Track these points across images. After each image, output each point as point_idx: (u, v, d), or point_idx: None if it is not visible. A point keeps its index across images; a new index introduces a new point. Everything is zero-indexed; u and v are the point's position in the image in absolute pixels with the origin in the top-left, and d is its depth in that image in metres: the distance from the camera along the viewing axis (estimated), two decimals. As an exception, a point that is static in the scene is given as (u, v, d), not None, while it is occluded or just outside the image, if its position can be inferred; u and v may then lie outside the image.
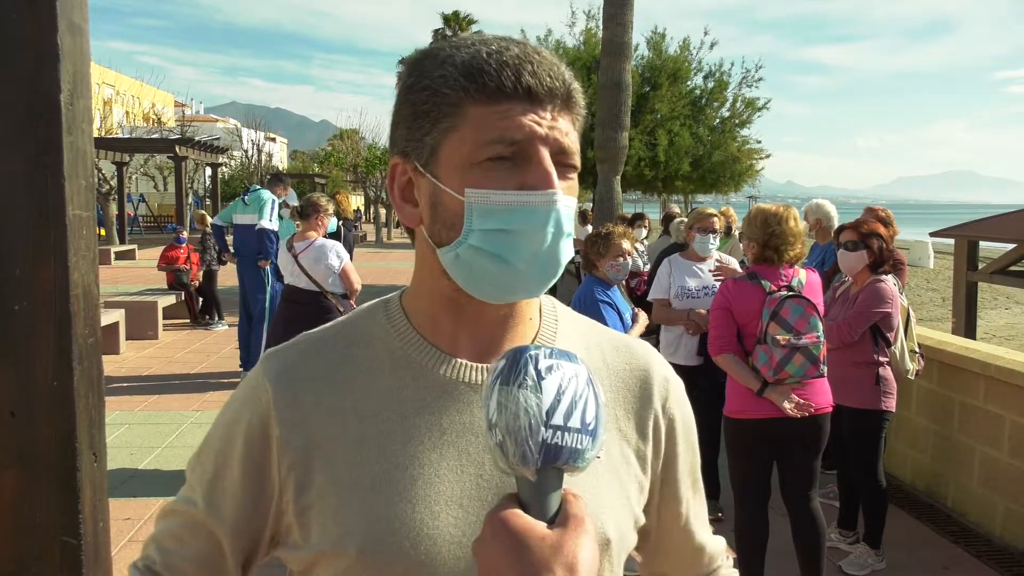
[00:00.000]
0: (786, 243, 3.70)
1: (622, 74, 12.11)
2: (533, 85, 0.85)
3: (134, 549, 4.42)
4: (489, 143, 0.84)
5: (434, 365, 0.94)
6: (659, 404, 1.02)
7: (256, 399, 0.95)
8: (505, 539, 0.71)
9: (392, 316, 0.99)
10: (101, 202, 24.73)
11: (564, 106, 0.88)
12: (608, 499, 0.95)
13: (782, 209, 3.78)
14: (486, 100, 0.85)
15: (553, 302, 1.05)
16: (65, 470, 1.26)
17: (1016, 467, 4.67)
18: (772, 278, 3.70)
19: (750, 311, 3.67)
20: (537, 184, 0.84)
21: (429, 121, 0.88)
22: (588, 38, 21.46)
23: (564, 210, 0.86)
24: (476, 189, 0.85)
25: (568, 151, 0.88)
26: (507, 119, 0.84)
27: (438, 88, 0.87)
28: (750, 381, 3.64)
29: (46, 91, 1.20)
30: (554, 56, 0.89)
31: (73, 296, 1.25)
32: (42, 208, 1.22)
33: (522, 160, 0.85)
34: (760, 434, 3.72)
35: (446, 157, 0.87)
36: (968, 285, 9.03)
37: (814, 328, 3.61)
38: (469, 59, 0.86)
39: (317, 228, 5.97)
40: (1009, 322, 15.70)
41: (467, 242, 0.86)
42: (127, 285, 14.89)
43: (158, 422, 6.84)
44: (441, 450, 0.91)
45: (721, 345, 3.75)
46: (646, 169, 20.72)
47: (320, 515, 0.90)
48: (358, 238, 34.26)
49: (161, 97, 46.58)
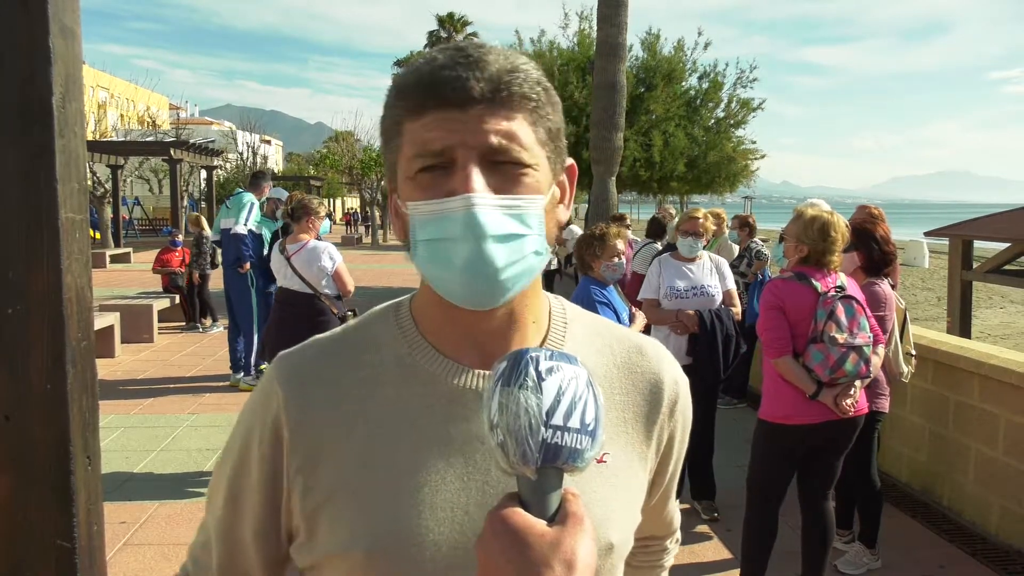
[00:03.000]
0: (839, 252, 3.70)
1: (617, 75, 12.13)
2: (447, 92, 0.85)
3: (130, 553, 4.41)
4: (416, 156, 0.87)
5: (442, 372, 0.94)
6: (668, 407, 1.03)
7: (268, 403, 0.96)
8: (505, 536, 0.72)
9: (402, 321, 0.99)
10: (96, 205, 24.71)
11: (494, 104, 0.86)
12: (617, 504, 0.96)
13: (836, 218, 3.74)
14: (414, 114, 0.87)
15: (563, 303, 1.05)
16: (59, 474, 1.25)
17: (1011, 466, 4.69)
18: (821, 279, 3.68)
19: (802, 310, 3.63)
20: (455, 189, 0.84)
21: (386, 142, 0.93)
22: (582, 39, 21.51)
23: (486, 212, 0.83)
24: (411, 201, 0.88)
25: (501, 149, 0.85)
26: (428, 130, 0.85)
27: (387, 111, 0.91)
28: (806, 384, 3.60)
29: (38, 94, 1.20)
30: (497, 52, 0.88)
31: (66, 299, 1.24)
32: (35, 211, 1.21)
33: (450, 168, 0.86)
34: (803, 438, 3.68)
35: (400, 173, 0.91)
36: (963, 284, 9.07)
37: (864, 328, 3.62)
38: (402, 77, 0.89)
39: (309, 230, 5.96)
40: (1004, 321, 15.75)
41: (416, 252, 0.89)
42: (122, 288, 14.87)
43: (154, 425, 6.82)
44: (448, 458, 0.91)
45: (780, 347, 3.66)
46: (641, 170, 20.77)
47: (327, 518, 0.91)
48: (357, 239, 34.24)
49: (156, 100, 46.49)
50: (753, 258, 7.85)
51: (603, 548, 0.92)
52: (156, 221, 36.85)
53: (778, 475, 3.78)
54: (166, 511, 5.00)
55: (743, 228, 8.36)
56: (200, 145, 25.38)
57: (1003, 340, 12.97)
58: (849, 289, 3.70)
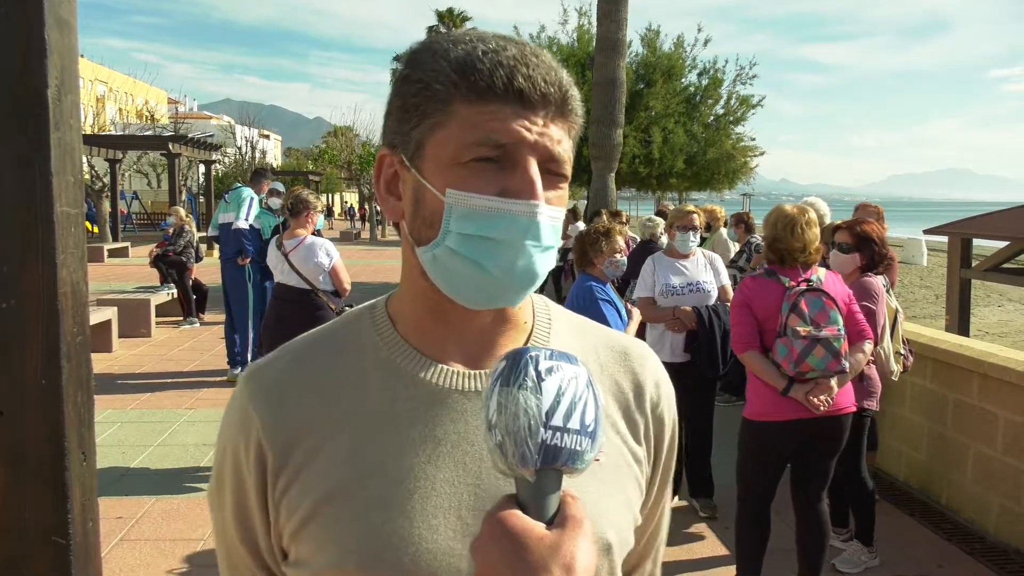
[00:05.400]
0: (792, 249, 3.67)
1: (616, 71, 12.13)
2: (526, 88, 0.82)
3: (126, 548, 4.40)
4: (474, 144, 0.82)
5: (424, 373, 0.91)
6: (650, 407, 1.01)
7: (246, 427, 0.92)
8: (503, 540, 0.71)
9: (378, 323, 0.96)
10: (94, 199, 24.69)
11: (558, 113, 0.85)
12: (610, 503, 0.94)
13: (796, 212, 3.72)
14: (475, 99, 0.82)
15: (545, 301, 1.03)
16: (54, 470, 1.24)
17: (1010, 465, 4.69)
18: (791, 274, 3.68)
19: (769, 307, 3.65)
20: (520, 192, 0.82)
21: (417, 115, 0.86)
22: (581, 35, 21.48)
23: (546, 222, 0.83)
24: (457, 190, 0.83)
25: (558, 159, 0.85)
26: (495, 120, 0.82)
27: (429, 82, 0.85)
28: (775, 379, 3.60)
29: (34, 86, 1.19)
30: (554, 60, 0.86)
31: (61, 294, 1.23)
32: (30, 205, 1.20)
33: (507, 165, 0.82)
34: (784, 436, 3.68)
35: (431, 153, 0.85)
36: (962, 282, 9.07)
37: (834, 322, 3.59)
38: (463, 55, 0.83)
39: (306, 225, 5.95)
40: (1002, 319, 15.77)
41: (444, 243, 0.84)
42: (120, 283, 14.85)
43: (151, 420, 6.82)
44: (437, 461, 0.88)
45: (744, 343, 3.71)
46: (640, 166, 20.75)
47: (315, 534, 0.88)
48: (356, 235, 34.23)
49: (154, 94, 46.43)
50: (752, 252, 7.85)
51: (601, 548, 0.90)
52: (154, 215, 36.81)
53: (763, 473, 3.78)
54: (163, 506, 4.99)
55: (739, 225, 8.37)
56: (199, 140, 25.35)
57: (1001, 338, 12.98)
58: (825, 284, 3.69)
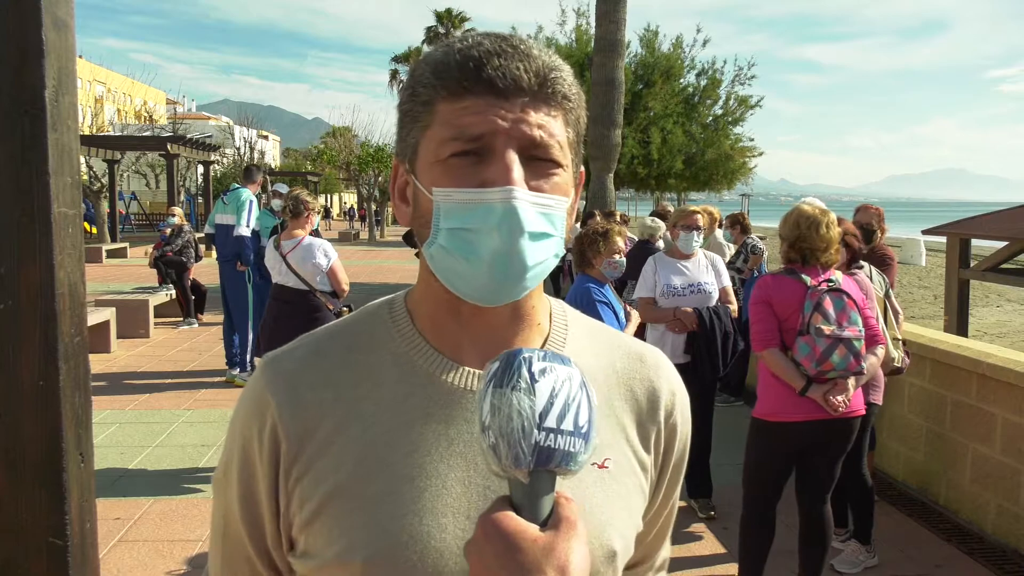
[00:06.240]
0: (816, 248, 3.65)
1: (615, 71, 12.14)
2: (496, 78, 0.82)
3: (124, 549, 4.39)
4: (451, 139, 0.83)
5: (441, 372, 0.92)
6: (664, 416, 1.01)
7: (261, 413, 0.92)
8: (497, 541, 0.71)
9: (397, 318, 0.96)
10: (92, 200, 24.66)
11: (537, 98, 0.85)
12: (615, 510, 0.93)
13: (818, 213, 3.70)
14: (451, 96, 0.84)
15: (563, 306, 1.03)
16: (51, 471, 1.24)
17: (1008, 465, 4.69)
18: (811, 274, 3.67)
19: (790, 305, 3.63)
20: (495, 180, 0.82)
21: (410, 120, 0.89)
22: (579, 36, 21.50)
23: (527, 207, 0.82)
24: (440, 187, 0.84)
25: (541, 144, 0.84)
26: (468, 114, 0.83)
27: (415, 88, 0.88)
28: (794, 378, 3.58)
29: (31, 87, 1.19)
30: (539, 48, 0.87)
31: (59, 295, 1.23)
32: (27, 206, 1.20)
33: (486, 156, 0.83)
34: (796, 437, 3.66)
35: (423, 156, 0.87)
36: (960, 283, 9.07)
37: (855, 322, 3.58)
38: (441, 56, 0.86)
39: (305, 226, 5.95)
40: (1001, 320, 15.77)
41: (437, 241, 0.85)
42: (118, 283, 14.84)
43: (149, 421, 6.81)
44: (448, 461, 0.89)
45: (765, 340, 3.67)
46: (639, 167, 20.77)
47: (325, 526, 0.88)
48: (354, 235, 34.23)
49: (153, 95, 46.42)
50: (749, 253, 7.85)
51: (606, 555, 0.90)
52: (153, 216, 36.79)
53: (771, 474, 3.76)
54: (161, 507, 4.98)
55: (734, 226, 8.36)
56: (197, 140, 25.35)
57: (999, 339, 12.98)
58: (843, 285, 3.69)
